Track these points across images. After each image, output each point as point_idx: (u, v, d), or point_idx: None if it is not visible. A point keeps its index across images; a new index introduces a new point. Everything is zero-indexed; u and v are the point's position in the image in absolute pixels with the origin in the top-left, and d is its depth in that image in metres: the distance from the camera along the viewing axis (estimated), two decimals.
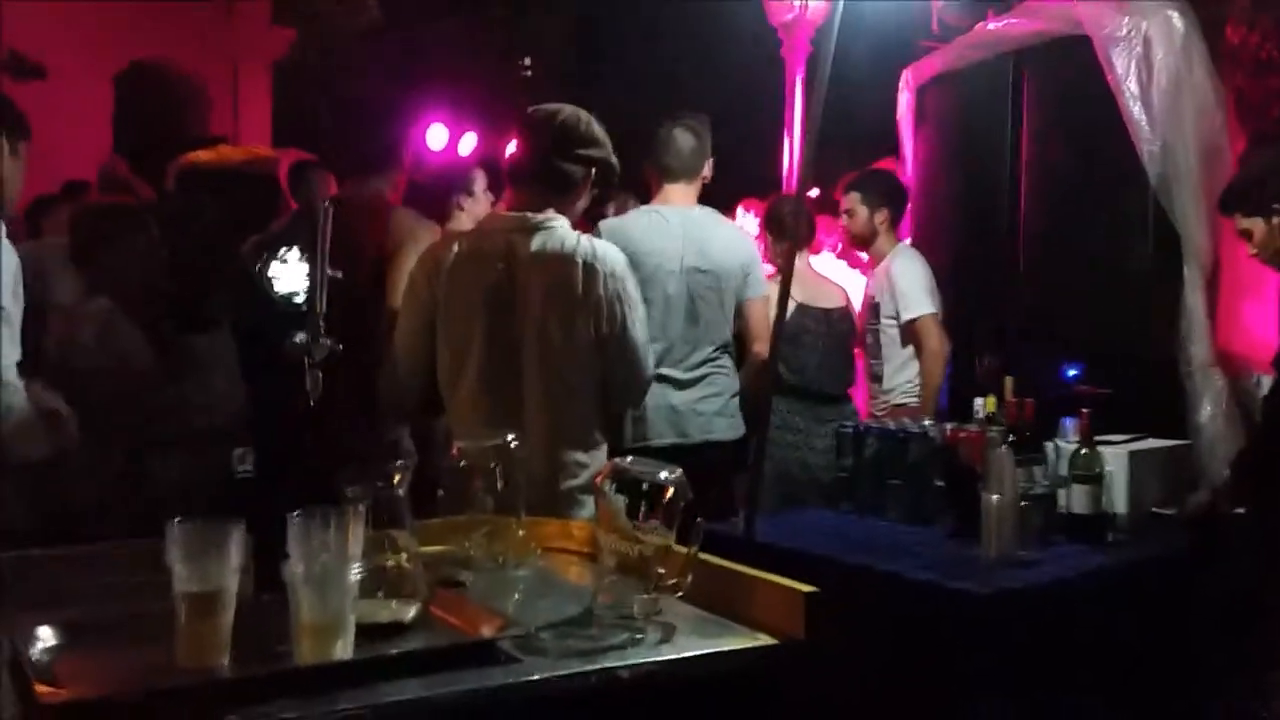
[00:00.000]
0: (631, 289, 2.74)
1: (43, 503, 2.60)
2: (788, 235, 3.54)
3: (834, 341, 4.20)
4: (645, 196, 3.82)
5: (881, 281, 4.43)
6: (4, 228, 2.60)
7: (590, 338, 2.68)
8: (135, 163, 3.74)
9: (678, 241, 3.55)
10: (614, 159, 2.81)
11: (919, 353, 4.30)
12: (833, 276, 4.63)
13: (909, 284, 4.32)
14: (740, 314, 3.64)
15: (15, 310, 2.55)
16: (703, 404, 3.53)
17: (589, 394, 2.72)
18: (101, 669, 1.46)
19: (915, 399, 4.29)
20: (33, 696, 1.33)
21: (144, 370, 2.94)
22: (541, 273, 2.68)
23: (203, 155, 5.05)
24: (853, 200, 4.53)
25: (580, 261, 2.68)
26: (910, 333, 4.31)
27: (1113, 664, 2.65)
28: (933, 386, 4.25)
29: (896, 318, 4.33)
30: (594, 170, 2.78)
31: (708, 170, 3.72)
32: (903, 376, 4.36)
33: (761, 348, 3.53)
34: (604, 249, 2.75)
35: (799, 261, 4.03)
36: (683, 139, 3.66)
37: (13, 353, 2.53)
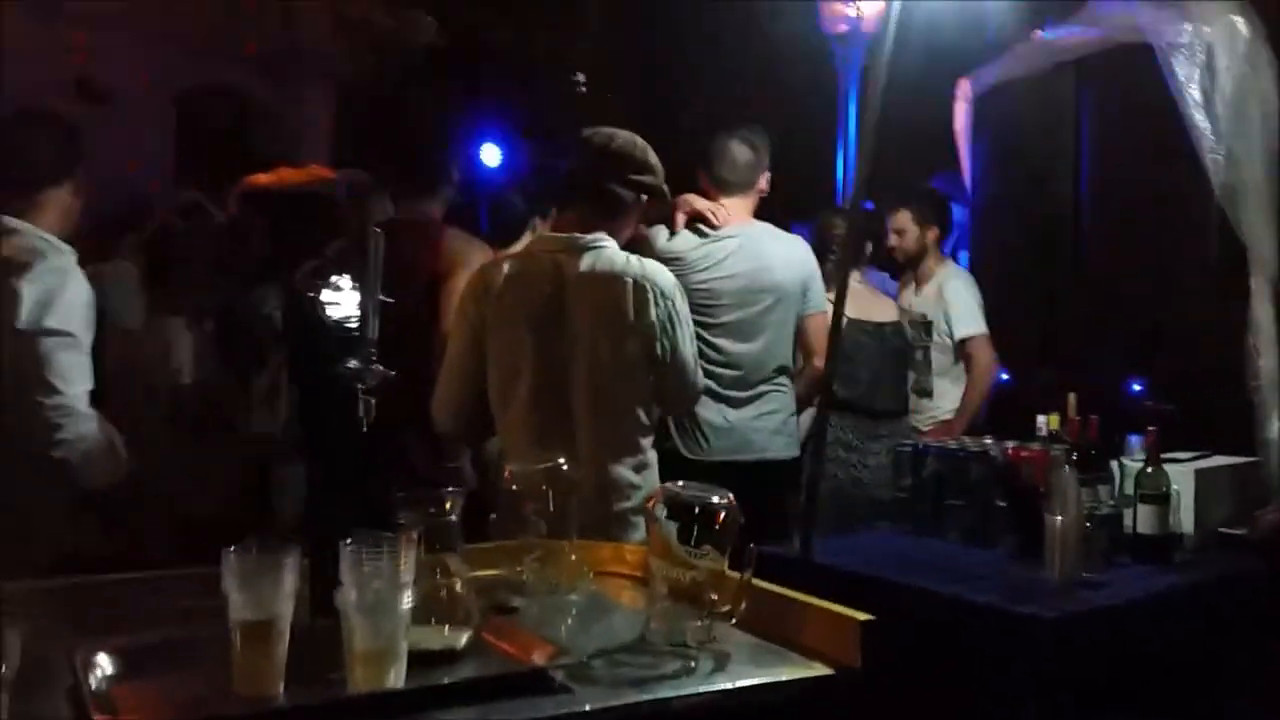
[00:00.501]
0: (681, 306, 2.73)
1: (111, 527, 2.65)
2: (837, 252, 3.51)
3: (887, 356, 4.15)
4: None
5: (933, 300, 4.49)
6: (75, 257, 2.65)
7: (641, 358, 2.67)
8: (198, 184, 3.81)
9: (735, 262, 3.52)
10: (665, 187, 2.82)
11: (968, 369, 4.43)
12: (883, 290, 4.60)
13: (964, 304, 4.44)
14: (799, 328, 3.61)
15: (87, 340, 2.60)
16: (759, 421, 3.51)
17: (639, 414, 2.71)
18: (159, 696, 1.47)
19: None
20: None
21: (219, 388, 3.00)
22: (590, 293, 2.68)
23: (263, 177, 5.13)
24: (904, 219, 4.52)
25: (630, 281, 2.67)
26: (961, 351, 4.44)
27: (1183, 687, 2.59)
28: (976, 401, 4.39)
29: (951, 336, 4.44)
30: (644, 197, 2.78)
31: (764, 183, 3.67)
32: (954, 392, 4.46)
33: (819, 362, 3.50)
34: (653, 268, 2.75)
35: (852, 277, 4.01)
36: (738, 151, 3.61)
37: (86, 382, 2.58)
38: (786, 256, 3.62)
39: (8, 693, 1.27)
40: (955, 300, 4.42)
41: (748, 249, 3.54)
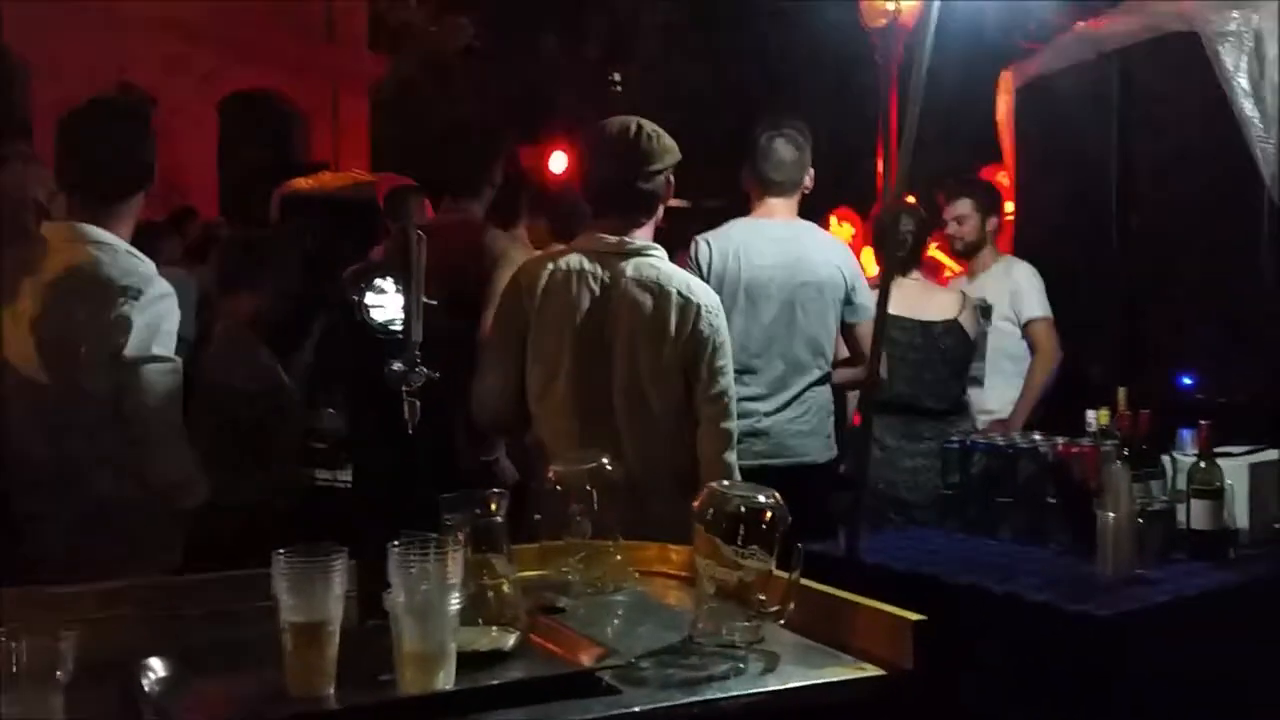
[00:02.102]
0: (722, 327, 2.68)
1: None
2: (897, 247, 3.40)
3: (934, 355, 4.02)
4: (742, 208, 3.75)
5: (994, 287, 4.43)
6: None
7: (679, 369, 2.62)
8: (241, 190, 3.86)
9: (779, 255, 3.49)
10: (679, 155, 2.75)
11: (1034, 351, 4.35)
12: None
13: (1031, 287, 4.39)
14: (851, 336, 3.55)
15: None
16: (795, 424, 3.46)
17: (677, 422, 2.65)
18: (212, 697, 1.48)
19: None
20: None
21: (278, 391, 3.03)
22: (635, 299, 2.64)
23: (303, 182, 5.18)
24: (966, 207, 4.47)
25: (674, 293, 2.63)
26: (1027, 334, 4.38)
27: (1239, 685, 2.54)
28: (1039, 384, 4.30)
29: (1014, 321, 4.38)
30: (671, 176, 2.75)
31: (808, 181, 3.62)
32: (1008, 391, 4.34)
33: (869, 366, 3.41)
34: (700, 286, 2.71)
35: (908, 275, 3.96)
36: (784, 149, 3.55)
37: (180, 408, 2.53)
38: (830, 256, 3.57)
39: (62, 696, 1.28)
40: (1024, 283, 4.39)
41: (789, 246, 3.51)
